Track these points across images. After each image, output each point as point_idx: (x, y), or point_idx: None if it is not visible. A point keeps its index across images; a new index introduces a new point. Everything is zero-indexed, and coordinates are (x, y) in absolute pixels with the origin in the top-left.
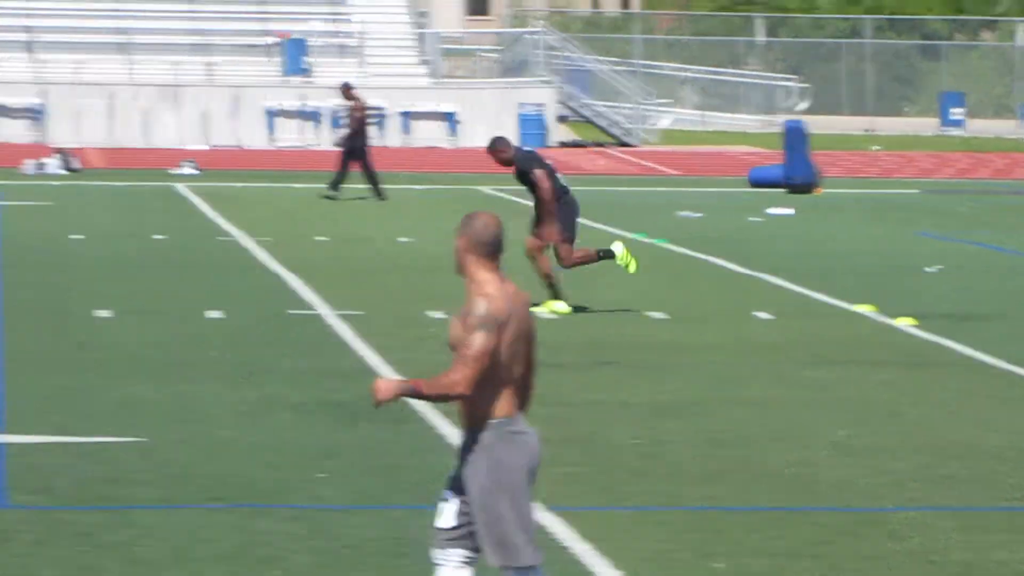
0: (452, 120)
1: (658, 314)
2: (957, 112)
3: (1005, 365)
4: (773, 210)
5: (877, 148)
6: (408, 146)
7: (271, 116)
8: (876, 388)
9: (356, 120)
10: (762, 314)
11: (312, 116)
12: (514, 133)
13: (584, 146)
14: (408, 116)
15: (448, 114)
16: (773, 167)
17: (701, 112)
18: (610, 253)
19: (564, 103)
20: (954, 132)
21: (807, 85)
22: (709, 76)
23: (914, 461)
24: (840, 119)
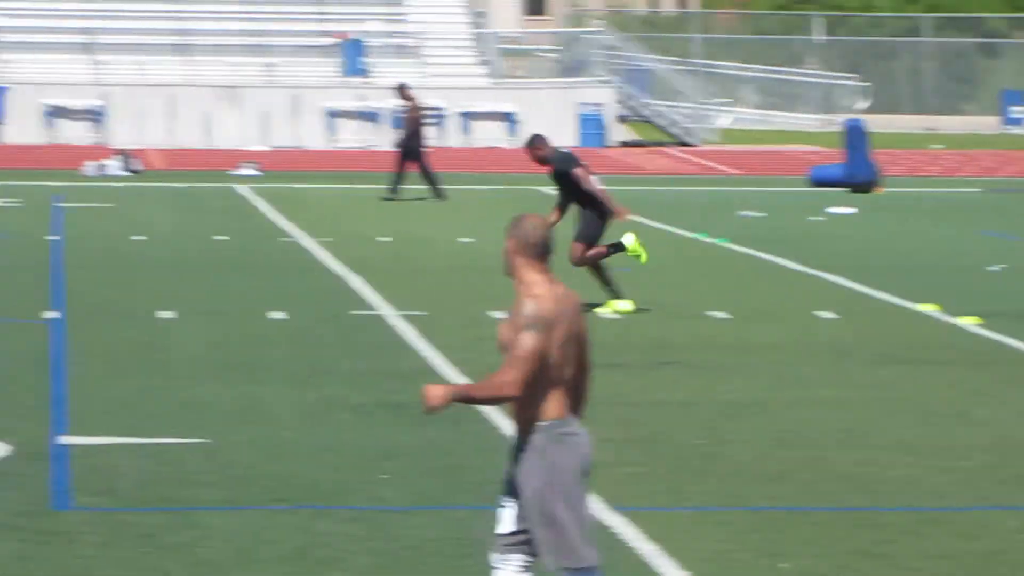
0: (512, 120)
1: (720, 314)
2: (1018, 110)
3: None
4: (834, 209)
5: (939, 147)
6: (468, 146)
7: (331, 117)
8: (941, 387)
9: (412, 120)
10: (825, 313)
11: (371, 117)
12: (574, 133)
13: (644, 145)
14: (468, 116)
15: (508, 114)
16: (834, 166)
17: (761, 111)
18: (620, 246)
19: (623, 103)
20: (1015, 130)
21: (866, 84)
22: (768, 75)
23: (980, 460)
24: (900, 118)
